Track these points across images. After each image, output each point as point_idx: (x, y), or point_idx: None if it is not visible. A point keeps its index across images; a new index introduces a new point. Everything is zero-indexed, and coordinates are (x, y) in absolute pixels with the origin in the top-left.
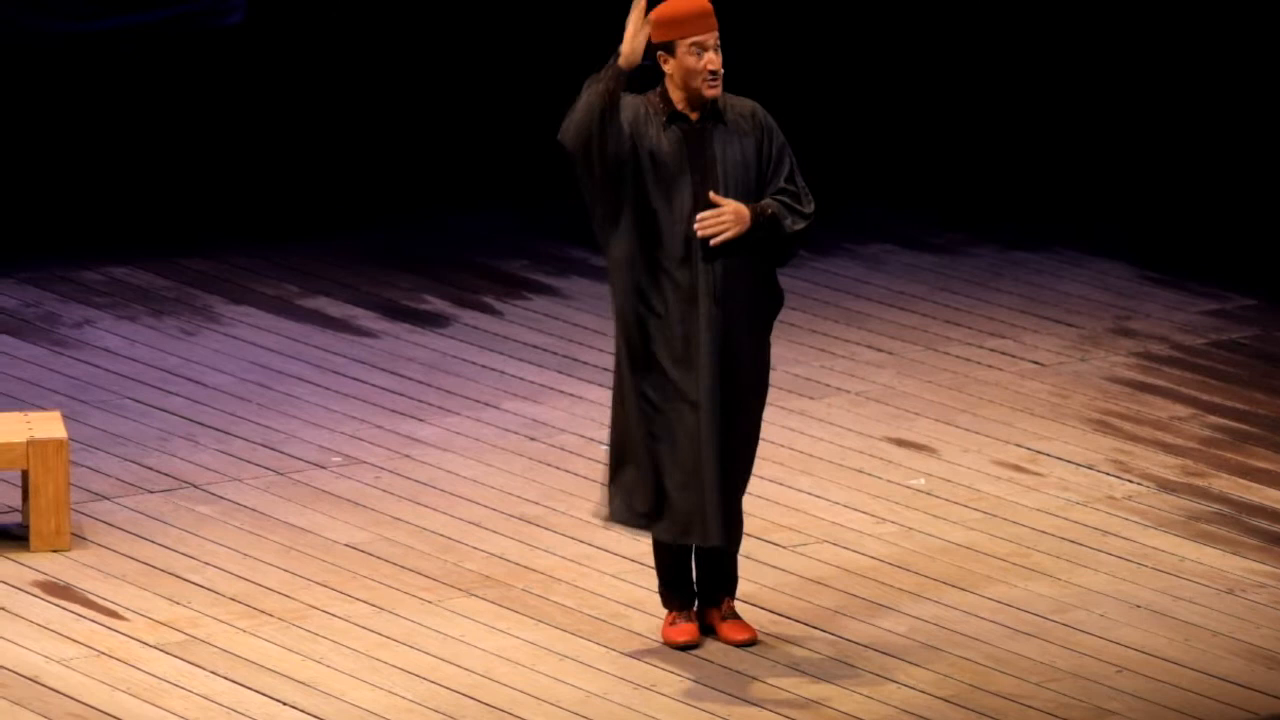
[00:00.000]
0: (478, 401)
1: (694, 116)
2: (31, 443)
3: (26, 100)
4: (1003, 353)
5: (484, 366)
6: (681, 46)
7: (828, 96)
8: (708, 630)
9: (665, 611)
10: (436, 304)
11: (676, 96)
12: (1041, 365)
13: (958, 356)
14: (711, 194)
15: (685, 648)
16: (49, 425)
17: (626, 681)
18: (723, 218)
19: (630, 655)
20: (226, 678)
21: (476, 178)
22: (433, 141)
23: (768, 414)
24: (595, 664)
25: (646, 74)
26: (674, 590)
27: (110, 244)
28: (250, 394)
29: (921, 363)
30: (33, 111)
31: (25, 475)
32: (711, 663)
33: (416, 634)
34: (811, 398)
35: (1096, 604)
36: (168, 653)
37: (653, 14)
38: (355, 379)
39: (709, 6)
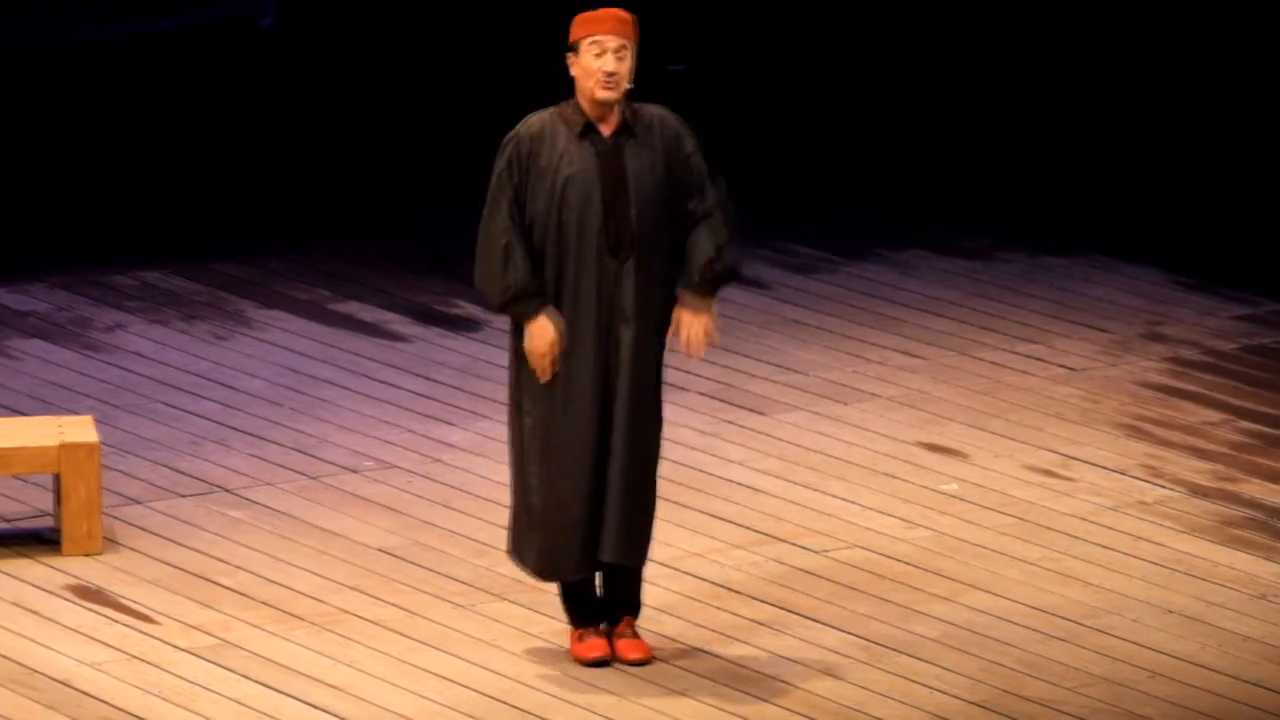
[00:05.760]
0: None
1: (605, 131)
2: (64, 447)
3: (59, 105)
4: (1034, 358)
5: None
6: (584, 44)
7: (862, 103)
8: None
9: (573, 629)
10: (468, 308)
11: (586, 107)
12: (1073, 370)
13: (990, 361)
14: (676, 320)
15: (597, 664)
16: (81, 429)
17: (657, 685)
18: (693, 329)
19: (661, 659)
20: (258, 682)
21: None
22: (466, 145)
23: (800, 418)
24: (627, 668)
25: (564, 85)
26: (579, 609)
27: (142, 248)
28: (282, 398)
29: (954, 368)
30: (65, 116)
31: (57, 479)
32: (744, 667)
33: (448, 638)
34: (844, 403)
35: (1129, 609)
36: (200, 657)
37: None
38: (387, 383)
39: (626, 16)
